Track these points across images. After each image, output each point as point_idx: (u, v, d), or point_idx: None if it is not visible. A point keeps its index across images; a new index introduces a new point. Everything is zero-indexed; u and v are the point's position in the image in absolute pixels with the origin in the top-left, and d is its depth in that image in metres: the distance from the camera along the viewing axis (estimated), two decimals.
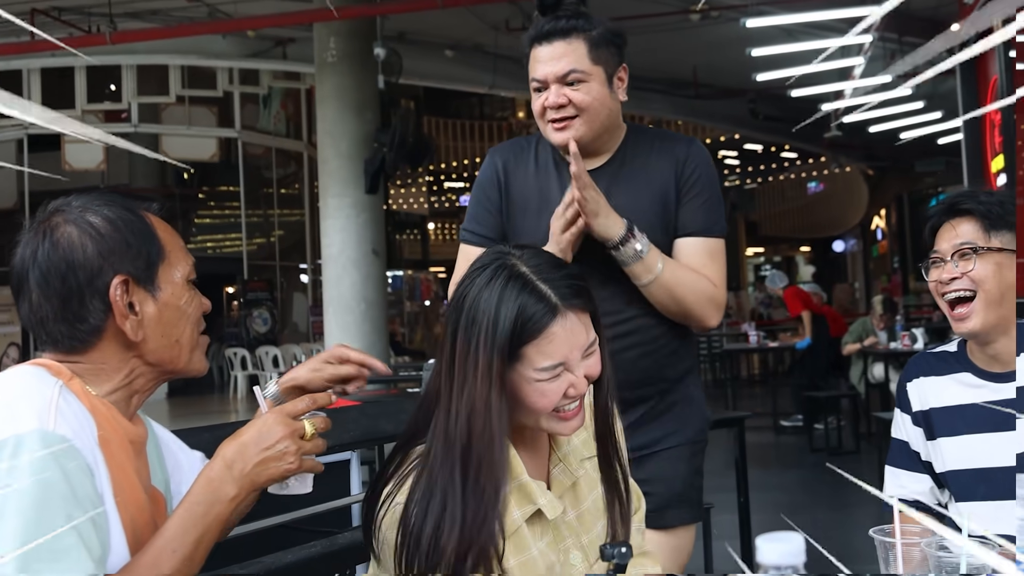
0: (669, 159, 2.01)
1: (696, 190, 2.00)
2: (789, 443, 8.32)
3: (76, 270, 1.22)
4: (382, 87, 9.65)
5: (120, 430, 1.24)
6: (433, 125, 22.50)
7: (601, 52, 1.92)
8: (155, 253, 1.28)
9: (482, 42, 11.80)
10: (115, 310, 1.23)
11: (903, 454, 1.92)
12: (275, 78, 14.83)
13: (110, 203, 1.27)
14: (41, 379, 1.18)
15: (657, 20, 10.14)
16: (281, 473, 1.27)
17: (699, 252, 2.00)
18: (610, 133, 2.01)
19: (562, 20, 1.92)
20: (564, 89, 1.91)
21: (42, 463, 1.08)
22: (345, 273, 9.67)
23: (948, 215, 1.82)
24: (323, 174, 9.96)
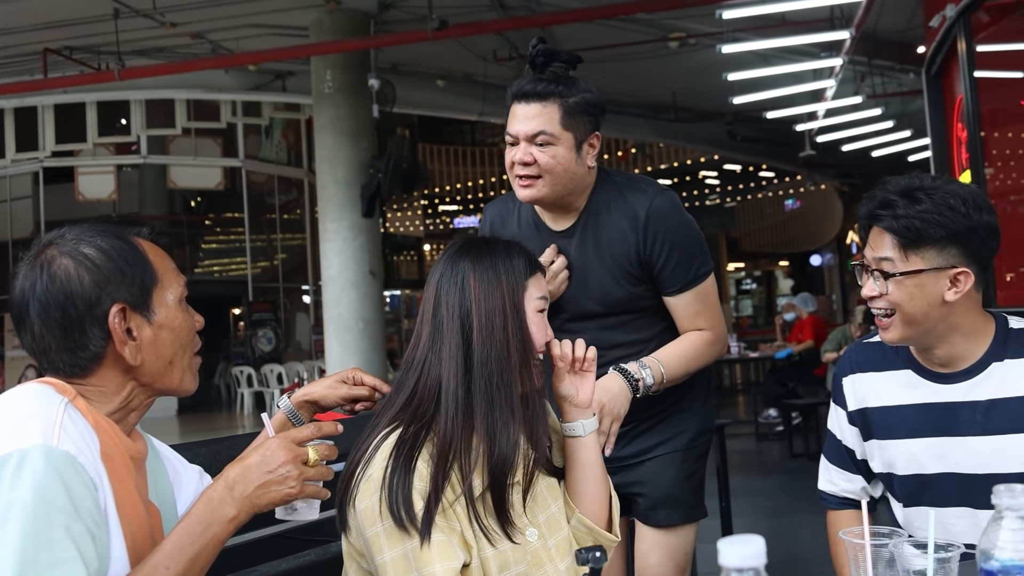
0: (630, 219, 1.99)
1: (665, 252, 1.98)
2: (770, 450, 8.28)
3: (75, 301, 1.22)
4: (376, 116, 9.67)
5: (121, 446, 1.23)
6: (427, 151, 22.55)
7: (574, 119, 1.92)
8: (148, 278, 1.27)
9: (472, 72, 11.84)
10: (114, 337, 1.23)
11: (836, 450, 1.79)
12: (276, 109, 14.86)
13: (102, 233, 1.26)
14: (47, 397, 1.17)
15: (637, 48, 10.18)
16: (282, 497, 1.25)
17: (689, 304, 2.03)
18: (577, 193, 2.00)
19: (542, 83, 1.91)
20: (532, 148, 1.91)
21: (44, 478, 1.07)
22: (344, 294, 9.66)
23: (871, 220, 1.63)
24: (322, 199, 9.98)
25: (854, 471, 1.77)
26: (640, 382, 1.92)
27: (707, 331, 2.04)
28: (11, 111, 14.24)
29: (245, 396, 14.86)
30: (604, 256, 2.00)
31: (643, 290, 2.02)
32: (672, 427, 2.10)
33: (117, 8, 9.39)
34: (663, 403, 2.07)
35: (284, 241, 18.64)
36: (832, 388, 1.83)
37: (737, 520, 4.39)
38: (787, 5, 7.77)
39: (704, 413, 2.17)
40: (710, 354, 2.06)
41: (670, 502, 2.06)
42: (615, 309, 2.04)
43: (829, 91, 9.89)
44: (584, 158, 1.96)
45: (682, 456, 2.09)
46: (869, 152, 13.46)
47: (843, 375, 1.78)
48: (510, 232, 2.11)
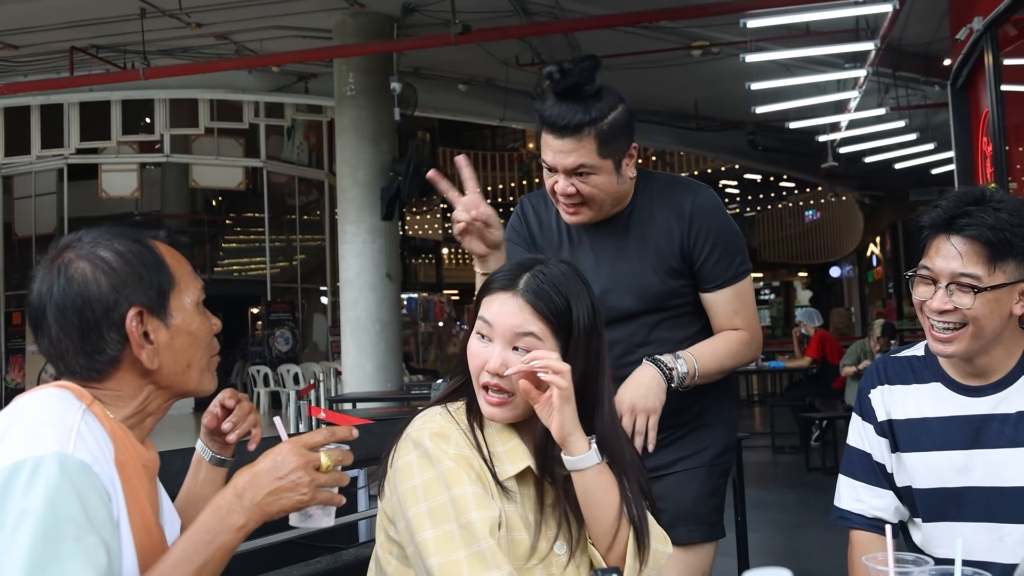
0: (675, 213, 1.98)
1: (708, 246, 1.97)
2: (786, 462, 8.19)
3: (92, 304, 1.21)
4: (398, 119, 9.66)
5: (135, 455, 1.22)
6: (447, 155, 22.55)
7: (610, 146, 1.88)
8: (165, 282, 1.26)
9: (494, 76, 11.81)
10: (132, 341, 1.22)
11: (863, 466, 1.71)
12: (298, 111, 14.89)
13: (120, 236, 1.25)
14: (65, 402, 1.16)
15: (660, 56, 10.12)
16: (293, 504, 1.21)
17: (727, 301, 2.01)
18: (622, 203, 2.00)
19: (576, 115, 1.84)
20: (573, 179, 1.89)
21: (58, 487, 1.06)
22: (361, 296, 9.64)
23: (947, 230, 1.54)
24: (341, 201, 9.97)
25: (886, 486, 1.69)
26: (674, 371, 1.89)
27: (743, 331, 2.02)
28: (37, 108, 14.33)
29: (261, 395, 14.91)
30: (646, 249, 1.99)
31: (681, 285, 2.00)
32: (696, 442, 2.05)
33: (143, 8, 9.42)
34: (686, 416, 2.03)
35: (303, 242, 18.68)
36: (857, 402, 1.76)
37: (752, 535, 4.32)
38: (812, 15, 7.71)
39: (728, 430, 2.13)
40: (745, 354, 2.02)
41: (691, 519, 2.02)
42: (652, 305, 2.00)
43: (853, 102, 9.81)
44: (625, 173, 1.94)
45: (705, 472, 2.05)
46: (892, 164, 13.34)
47: (870, 387, 1.72)
48: (545, 224, 2.10)
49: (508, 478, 1.37)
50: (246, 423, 1.47)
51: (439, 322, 18.01)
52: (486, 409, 1.40)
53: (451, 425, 1.38)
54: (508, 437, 1.41)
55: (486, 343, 1.40)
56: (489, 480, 1.35)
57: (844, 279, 23.32)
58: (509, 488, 1.37)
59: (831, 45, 8.54)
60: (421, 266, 24.28)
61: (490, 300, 1.41)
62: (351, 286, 9.73)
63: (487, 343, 1.40)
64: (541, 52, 10.92)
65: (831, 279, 24.04)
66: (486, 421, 1.41)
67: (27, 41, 10.54)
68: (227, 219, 20.78)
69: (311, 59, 10.88)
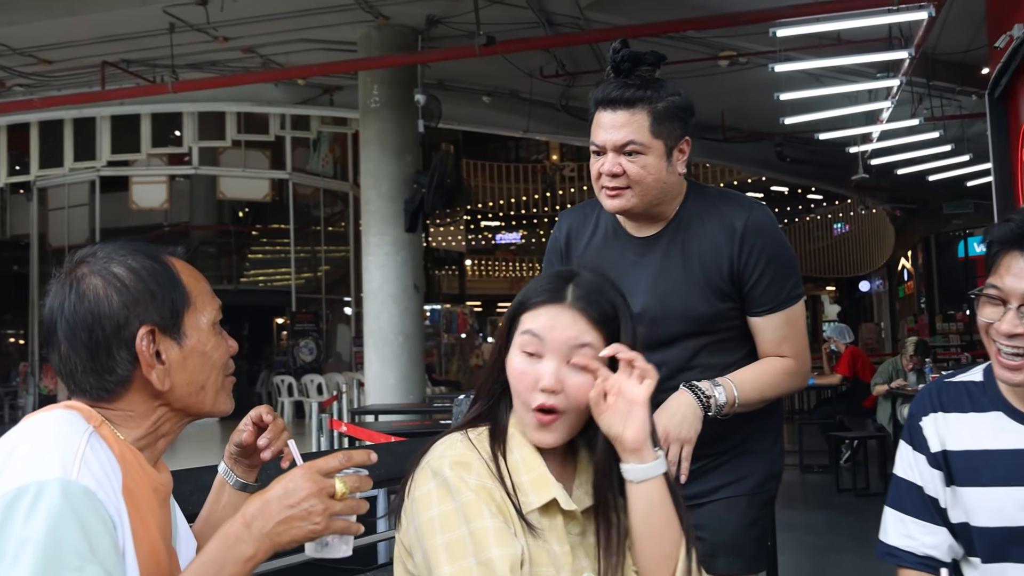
0: (726, 230, 1.87)
1: (760, 268, 1.85)
2: (815, 482, 7.96)
3: (102, 322, 1.16)
4: (422, 131, 9.59)
5: (145, 479, 1.17)
6: (471, 167, 22.55)
7: (664, 126, 1.81)
8: (180, 301, 1.21)
9: (518, 88, 11.74)
10: (141, 360, 1.17)
11: (914, 499, 1.55)
12: (323, 123, 14.91)
13: (134, 252, 1.21)
14: (73, 425, 1.12)
15: (687, 66, 9.96)
16: (305, 534, 1.13)
17: (775, 327, 1.89)
18: (667, 202, 1.89)
19: (630, 89, 1.80)
20: (621, 158, 1.81)
21: (59, 514, 1.01)
22: (384, 307, 9.57)
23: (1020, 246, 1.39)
24: (365, 213, 9.93)
25: (939, 522, 1.53)
26: (711, 400, 1.78)
27: (790, 359, 1.89)
28: (70, 121, 14.49)
29: (285, 405, 14.92)
30: (692, 268, 1.87)
31: (729, 308, 1.88)
32: (738, 469, 1.93)
33: (172, 23, 9.46)
34: (729, 442, 1.90)
35: (328, 253, 18.76)
36: (907, 429, 1.60)
37: (782, 557, 4.15)
38: (844, 24, 7.52)
39: (773, 457, 1.99)
40: (789, 384, 1.91)
41: (731, 550, 1.89)
42: (697, 327, 1.88)
43: (885, 113, 9.58)
44: (675, 165, 1.85)
45: (747, 501, 1.92)
46: (925, 176, 13.08)
47: (922, 415, 1.57)
48: (585, 240, 2.00)
49: (532, 510, 1.27)
50: (280, 440, 1.40)
51: (462, 334, 17.95)
52: (538, 434, 1.30)
53: (472, 453, 1.28)
54: (533, 465, 1.30)
55: (534, 360, 1.30)
56: (512, 514, 1.25)
57: (874, 294, 22.98)
58: (533, 522, 1.26)
59: (863, 54, 8.32)
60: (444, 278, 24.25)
61: (535, 314, 1.32)
62: (374, 298, 9.67)
63: (535, 360, 1.30)
64: (565, 63, 10.82)
65: (860, 294, 23.70)
66: (510, 447, 1.31)
67: (60, 56, 10.64)
68: (253, 230, 20.92)
69: (336, 72, 10.87)
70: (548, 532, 1.28)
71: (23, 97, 11.94)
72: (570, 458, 1.37)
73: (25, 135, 15.02)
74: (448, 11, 9.23)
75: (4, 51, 10.31)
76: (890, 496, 1.61)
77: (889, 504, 1.60)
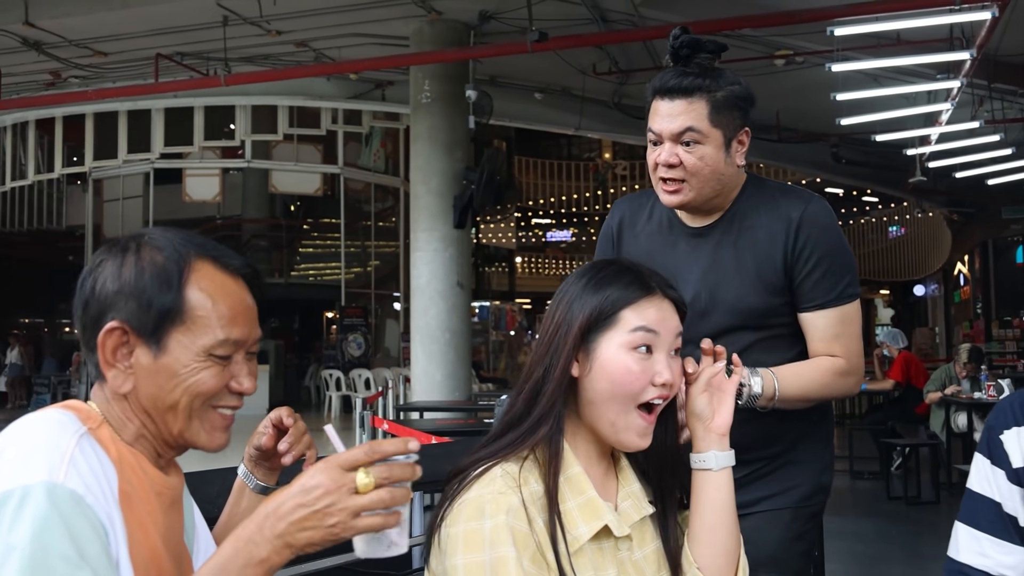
0: (782, 221, 1.81)
1: (813, 260, 1.79)
2: (865, 489, 7.83)
3: (91, 304, 1.12)
4: (472, 127, 9.59)
5: (145, 482, 1.09)
6: (522, 164, 22.52)
7: (723, 115, 1.76)
8: (168, 312, 1.10)
9: (570, 85, 11.69)
10: (99, 353, 1.10)
11: (991, 516, 1.46)
12: (375, 118, 14.96)
13: (166, 247, 1.12)
14: (64, 426, 1.04)
15: (742, 65, 9.83)
16: (322, 536, 1.01)
17: (827, 325, 1.81)
18: (725, 194, 1.84)
19: (688, 77, 1.76)
20: (678, 148, 1.76)
21: (45, 519, 0.95)
22: (432, 304, 9.58)
23: None
24: (414, 209, 9.95)
25: (1017, 541, 1.45)
26: (745, 389, 1.70)
27: (841, 359, 1.80)
28: (125, 114, 14.70)
29: (333, 399, 15.06)
30: (745, 260, 1.82)
31: (781, 303, 1.82)
32: (783, 480, 1.85)
33: (226, 15, 9.56)
34: (774, 449, 1.84)
35: (378, 248, 18.85)
36: (985, 442, 1.52)
37: (830, 566, 4.08)
38: (904, 23, 7.37)
39: (821, 467, 1.91)
40: (839, 385, 1.81)
41: (773, 565, 1.79)
42: (746, 321, 1.82)
43: (944, 115, 9.37)
44: (733, 156, 1.80)
45: (791, 514, 1.84)
46: (984, 180, 12.77)
47: (1003, 428, 1.48)
48: (639, 229, 1.96)
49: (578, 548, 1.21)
50: (301, 444, 1.32)
51: (510, 331, 17.95)
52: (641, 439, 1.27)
53: (513, 494, 1.19)
54: (582, 487, 1.25)
55: (647, 357, 1.26)
56: (551, 561, 1.17)
57: (929, 298, 22.52)
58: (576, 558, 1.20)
59: (923, 55, 8.14)
60: (494, 274, 24.27)
61: (639, 310, 1.27)
62: (422, 294, 9.69)
63: (647, 356, 1.26)
64: (619, 61, 10.74)
65: (915, 298, 23.25)
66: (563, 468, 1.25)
67: (115, 48, 10.80)
68: (304, 224, 21.12)
69: (388, 66, 10.91)
70: (596, 556, 1.24)
71: (78, 89, 12.18)
72: (611, 468, 1.34)
73: (81, 126, 15.28)
74: (501, 6, 9.21)
75: (60, 43, 10.50)
76: (963, 511, 1.52)
77: (962, 520, 1.51)
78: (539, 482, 1.22)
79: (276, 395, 16.38)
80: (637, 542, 1.28)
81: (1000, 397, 6.66)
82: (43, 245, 20.90)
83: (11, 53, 10.54)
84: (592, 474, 1.29)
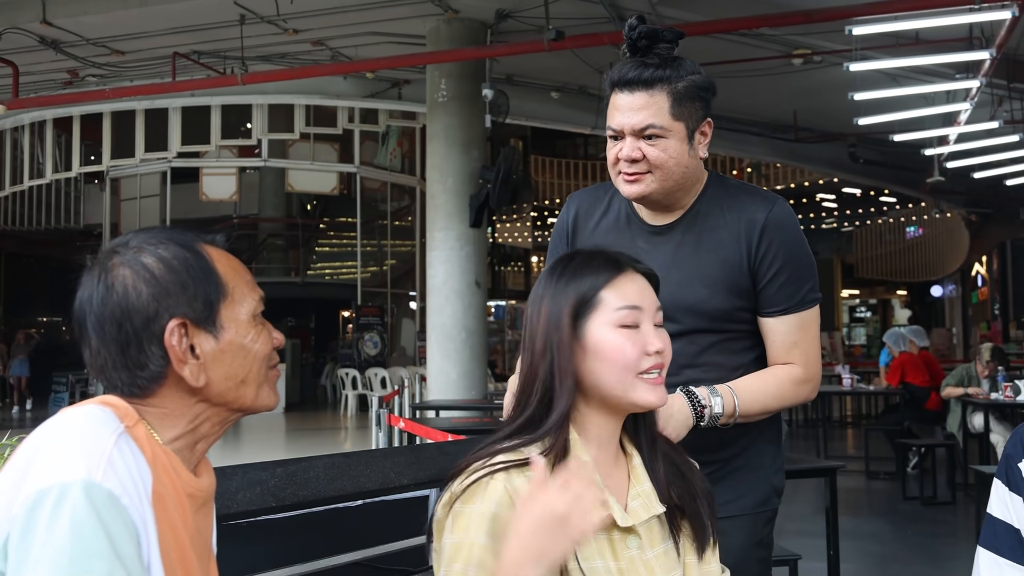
0: (744, 223, 1.76)
1: (777, 265, 1.75)
2: (881, 489, 7.79)
3: (131, 315, 1.10)
4: (488, 126, 9.59)
5: (178, 484, 1.10)
6: (539, 163, 22.52)
7: (685, 107, 1.71)
8: (214, 292, 1.14)
9: (587, 84, 11.69)
10: (172, 356, 1.10)
11: (1010, 541, 1.47)
12: (392, 117, 14.99)
13: (167, 241, 1.14)
14: (103, 423, 1.04)
15: (759, 64, 9.82)
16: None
17: (786, 331, 1.77)
18: (686, 189, 1.78)
19: (649, 69, 1.69)
20: (640, 143, 1.71)
21: (84, 518, 0.95)
22: (448, 303, 9.60)
23: None
24: (430, 208, 9.96)
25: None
26: (707, 410, 1.66)
27: (798, 367, 1.76)
28: (142, 112, 14.76)
29: (349, 398, 15.10)
30: (707, 260, 1.77)
31: (740, 305, 1.77)
32: (735, 487, 1.80)
33: (243, 14, 9.61)
34: (724, 454, 1.79)
35: (394, 247, 18.88)
36: (1003, 468, 1.52)
37: (845, 566, 4.07)
38: (923, 22, 7.33)
39: (773, 471, 1.87)
40: (795, 394, 1.77)
41: (735, 573, 1.74)
42: (706, 323, 1.77)
43: (963, 115, 9.32)
44: (696, 148, 1.75)
45: (751, 520, 1.81)
46: (1003, 180, 12.69)
47: (1020, 456, 1.48)
48: (594, 223, 1.89)
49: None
50: None
51: None
52: (654, 394, 1.31)
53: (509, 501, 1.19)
54: None
55: (633, 331, 1.30)
56: None
57: (946, 299, 22.39)
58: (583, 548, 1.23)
59: (942, 54, 8.10)
60: (510, 274, 24.28)
61: (618, 288, 1.31)
62: (438, 293, 9.70)
63: (633, 332, 1.30)
64: None
65: (932, 299, 23.11)
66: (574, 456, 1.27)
67: (133, 47, 10.87)
68: (321, 223, 21.18)
69: (404, 65, 10.93)
70: (604, 546, 1.25)
71: (96, 87, 12.26)
72: (623, 467, 1.34)
73: (98, 125, 15.32)
74: (518, 5, 9.22)
75: (78, 41, 10.56)
76: (983, 536, 1.53)
77: (983, 544, 1.52)
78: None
79: (292, 394, 16.45)
80: (647, 541, 1.29)
81: (1017, 397, 6.63)
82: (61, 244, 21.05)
83: (29, 52, 10.62)
84: (601, 461, 1.31)
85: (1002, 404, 6.82)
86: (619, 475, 1.33)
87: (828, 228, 25.03)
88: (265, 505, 1.72)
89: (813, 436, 10.47)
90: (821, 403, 9.53)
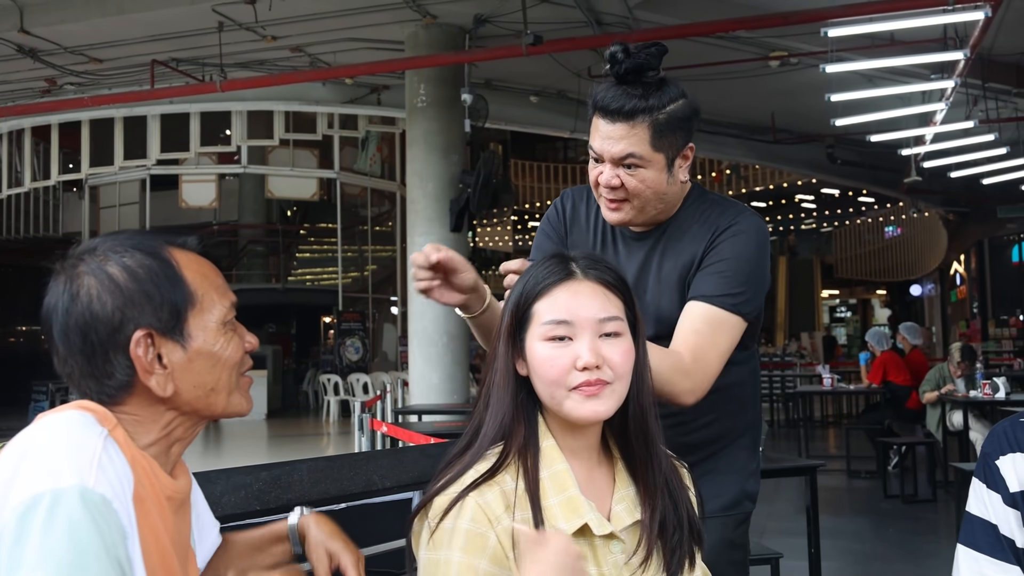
0: (706, 229, 1.77)
1: (716, 258, 1.74)
2: (862, 488, 7.86)
3: (96, 326, 1.08)
4: (468, 131, 9.61)
5: (157, 486, 1.09)
6: (519, 167, 22.55)
7: (665, 139, 1.71)
8: (181, 301, 1.12)
9: (565, 88, 11.70)
10: (138, 366, 1.09)
11: (988, 538, 1.50)
12: (371, 122, 14.99)
13: (132, 249, 1.12)
14: (87, 427, 1.04)
15: (736, 67, 9.88)
16: None
17: (694, 317, 1.71)
18: (668, 209, 1.81)
19: (632, 100, 1.69)
20: (619, 170, 1.72)
21: (80, 524, 0.95)
22: (429, 307, 9.58)
23: None
24: (411, 213, 9.96)
25: (1013, 561, 1.49)
26: None
27: (686, 356, 1.66)
28: (121, 120, 14.69)
29: (331, 403, 15.06)
30: (667, 268, 1.79)
31: None
32: (705, 489, 1.72)
33: (221, 21, 9.58)
34: (694, 458, 1.74)
35: (375, 252, 18.87)
36: (981, 468, 1.55)
37: (827, 564, 4.11)
38: (897, 24, 7.41)
39: (746, 476, 1.87)
40: (673, 383, 1.62)
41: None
42: (666, 331, 1.73)
43: (939, 115, 9.42)
44: (676, 174, 1.76)
45: (722, 521, 1.81)
46: (979, 180, 12.82)
47: (999, 454, 1.52)
48: (583, 222, 1.92)
49: None
50: None
51: None
52: (588, 406, 1.24)
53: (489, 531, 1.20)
54: (564, 484, 1.25)
55: (564, 344, 1.25)
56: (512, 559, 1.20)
57: (925, 298, 22.57)
58: None
59: (917, 55, 8.18)
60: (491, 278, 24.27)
61: (550, 300, 1.27)
62: (418, 298, 9.62)
63: (565, 344, 1.25)
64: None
65: (911, 298, 23.30)
66: (543, 464, 1.26)
67: (111, 55, 10.80)
68: (301, 229, 21.14)
69: (383, 71, 10.91)
70: (585, 552, 1.23)
71: (74, 96, 12.18)
72: (607, 471, 1.33)
73: (76, 133, 15.23)
74: (496, 10, 9.24)
75: (55, 50, 10.49)
76: (963, 533, 1.56)
77: (962, 542, 1.55)
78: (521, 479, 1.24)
79: (274, 400, 16.39)
80: (631, 546, 1.27)
81: (995, 395, 6.71)
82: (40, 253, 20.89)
83: (6, 61, 10.55)
84: (577, 468, 1.29)
85: (981, 402, 6.90)
86: (602, 480, 1.31)
87: (807, 229, 25.20)
88: (249, 508, 1.72)
89: (794, 435, 10.54)
90: (801, 402, 9.60)
